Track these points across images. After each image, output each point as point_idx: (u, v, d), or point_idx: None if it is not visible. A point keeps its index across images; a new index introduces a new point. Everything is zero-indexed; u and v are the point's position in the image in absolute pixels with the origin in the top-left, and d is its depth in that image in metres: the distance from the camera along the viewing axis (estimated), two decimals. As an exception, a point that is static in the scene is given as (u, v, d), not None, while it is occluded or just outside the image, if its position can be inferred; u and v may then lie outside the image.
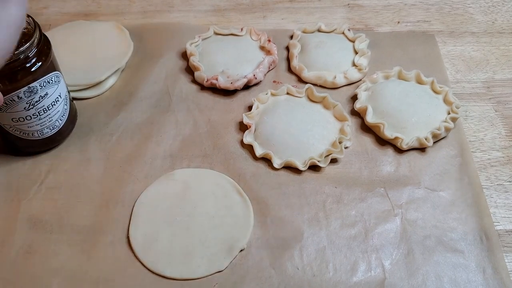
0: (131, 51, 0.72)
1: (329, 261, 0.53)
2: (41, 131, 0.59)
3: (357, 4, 0.84)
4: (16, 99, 0.54)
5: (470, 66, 0.74)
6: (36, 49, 0.53)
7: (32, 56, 0.53)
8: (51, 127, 0.59)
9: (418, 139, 0.62)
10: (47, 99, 0.56)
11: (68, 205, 0.57)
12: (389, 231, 0.55)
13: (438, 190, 0.59)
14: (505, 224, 0.57)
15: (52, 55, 0.56)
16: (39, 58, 0.54)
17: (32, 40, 0.52)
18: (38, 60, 0.53)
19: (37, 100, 0.55)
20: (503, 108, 0.69)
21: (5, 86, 0.52)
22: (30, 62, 0.53)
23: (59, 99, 0.58)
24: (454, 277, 0.52)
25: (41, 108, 0.56)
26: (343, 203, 0.58)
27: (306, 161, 0.60)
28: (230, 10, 0.83)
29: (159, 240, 0.54)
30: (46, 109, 0.57)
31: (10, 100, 0.53)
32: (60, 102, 0.59)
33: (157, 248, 0.53)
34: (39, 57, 0.54)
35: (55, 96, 0.57)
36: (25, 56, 0.52)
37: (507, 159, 0.63)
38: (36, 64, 0.53)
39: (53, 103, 0.57)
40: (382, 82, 0.69)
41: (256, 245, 0.54)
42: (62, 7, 0.83)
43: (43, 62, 0.54)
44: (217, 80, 0.68)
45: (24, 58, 0.52)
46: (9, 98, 0.53)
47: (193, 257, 0.53)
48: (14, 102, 0.54)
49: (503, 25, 0.80)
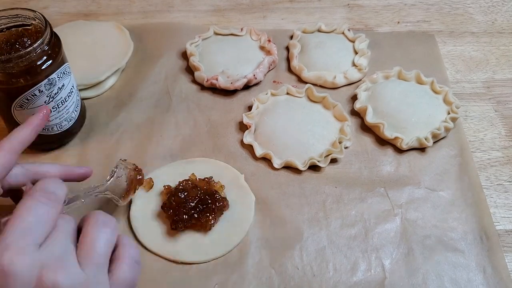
0: (131, 51, 0.72)
1: (329, 260, 0.53)
2: (59, 125, 0.59)
3: (357, 4, 0.84)
4: (38, 93, 0.54)
5: (470, 66, 0.74)
6: (50, 42, 0.54)
7: (48, 49, 0.54)
8: (69, 119, 0.60)
9: (418, 139, 0.62)
10: (64, 91, 0.57)
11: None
12: (389, 231, 0.55)
13: (438, 190, 0.59)
14: (505, 224, 0.57)
15: (62, 47, 0.57)
16: (53, 51, 0.55)
17: (45, 34, 0.53)
18: (53, 52, 0.55)
19: (56, 92, 0.56)
20: (503, 108, 0.69)
21: (27, 81, 0.53)
22: (47, 55, 0.54)
23: (73, 90, 0.59)
24: (454, 277, 0.52)
25: (60, 100, 0.57)
26: (343, 203, 0.58)
27: (306, 161, 0.60)
28: (230, 10, 0.83)
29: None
30: (63, 101, 0.58)
31: (31, 95, 0.54)
32: (74, 93, 0.60)
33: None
34: (53, 49, 0.55)
35: (70, 87, 0.58)
36: (41, 50, 0.53)
37: (507, 159, 0.63)
38: (52, 57, 0.54)
39: (69, 94, 0.58)
40: (382, 82, 0.69)
41: (256, 245, 0.54)
42: (62, 7, 0.83)
43: (57, 55, 0.55)
44: (217, 80, 0.68)
45: (41, 52, 0.53)
46: (30, 94, 0.54)
47: (200, 244, 0.53)
48: (36, 96, 0.55)
49: (503, 25, 0.80)
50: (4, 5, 0.64)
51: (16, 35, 0.55)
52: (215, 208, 0.54)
